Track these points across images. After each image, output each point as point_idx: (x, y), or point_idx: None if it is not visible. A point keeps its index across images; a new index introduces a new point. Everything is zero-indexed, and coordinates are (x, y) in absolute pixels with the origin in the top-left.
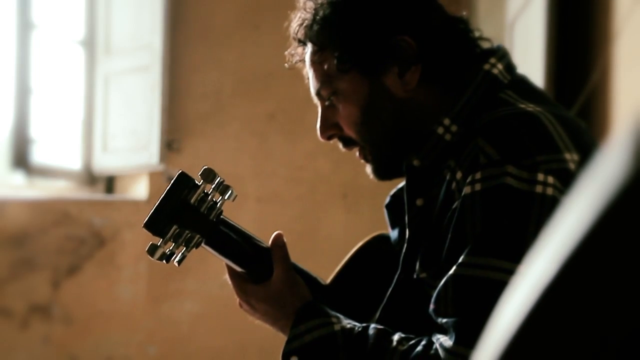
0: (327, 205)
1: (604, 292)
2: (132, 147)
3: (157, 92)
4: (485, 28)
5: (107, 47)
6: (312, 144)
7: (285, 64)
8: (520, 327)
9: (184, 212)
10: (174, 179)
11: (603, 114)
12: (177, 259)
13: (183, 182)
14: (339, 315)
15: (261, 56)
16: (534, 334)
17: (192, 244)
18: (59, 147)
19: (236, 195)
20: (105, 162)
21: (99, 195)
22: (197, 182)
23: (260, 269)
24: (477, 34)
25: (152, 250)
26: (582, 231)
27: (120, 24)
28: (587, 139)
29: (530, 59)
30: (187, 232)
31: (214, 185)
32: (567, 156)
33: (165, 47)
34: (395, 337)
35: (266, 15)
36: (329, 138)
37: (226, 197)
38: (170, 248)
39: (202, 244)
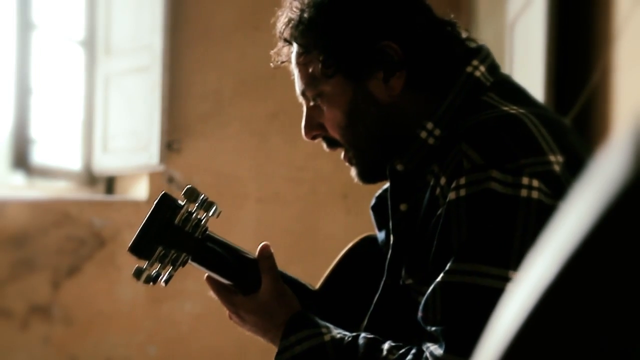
0: (328, 206)
1: (606, 293)
2: (132, 148)
3: (157, 93)
4: (486, 29)
5: (107, 48)
6: (312, 145)
7: (271, 64)
8: (519, 331)
9: (169, 233)
10: (156, 201)
11: (603, 114)
12: (163, 278)
13: (165, 204)
14: (328, 325)
15: (261, 56)
16: (533, 337)
17: (179, 262)
18: (59, 148)
19: (220, 212)
20: (105, 163)
21: (99, 195)
22: (180, 202)
23: (248, 281)
24: (464, 35)
25: (138, 274)
26: (583, 232)
27: (120, 24)
28: (571, 139)
29: (531, 60)
30: (173, 251)
31: (197, 204)
32: (552, 158)
33: (165, 47)
34: (385, 345)
35: (266, 16)
36: (314, 138)
37: (210, 214)
38: (157, 269)
39: (189, 261)
